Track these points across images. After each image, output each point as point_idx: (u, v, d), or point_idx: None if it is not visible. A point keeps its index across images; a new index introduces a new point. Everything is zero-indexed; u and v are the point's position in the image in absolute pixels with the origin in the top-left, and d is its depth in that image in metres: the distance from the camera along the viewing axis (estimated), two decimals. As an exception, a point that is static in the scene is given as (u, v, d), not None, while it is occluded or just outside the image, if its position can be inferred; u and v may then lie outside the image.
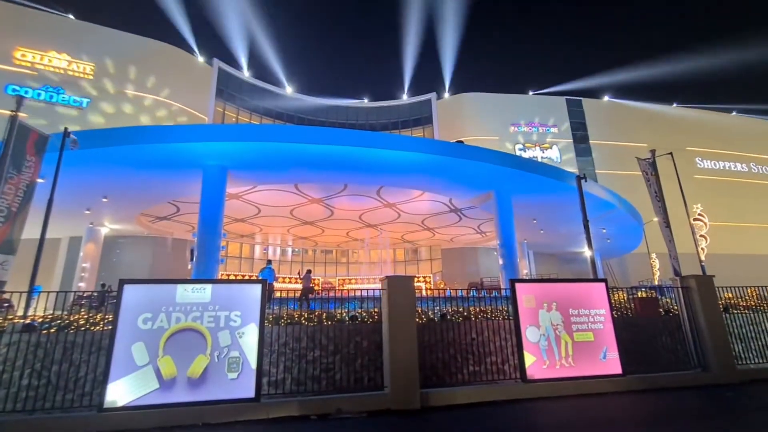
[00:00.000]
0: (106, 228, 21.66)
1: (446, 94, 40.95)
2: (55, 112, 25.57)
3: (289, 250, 31.93)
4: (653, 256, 29.82)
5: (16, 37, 26.09)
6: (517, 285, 7.82)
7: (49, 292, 8.17)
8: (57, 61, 26.81)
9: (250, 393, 6.14)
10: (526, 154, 37.00)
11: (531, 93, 41.19)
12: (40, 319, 7.37)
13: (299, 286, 22.96)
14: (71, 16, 28.91)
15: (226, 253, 26.46)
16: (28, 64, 26.00)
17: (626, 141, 38.87)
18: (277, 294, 14.01)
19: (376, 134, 14.83)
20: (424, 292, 20.59)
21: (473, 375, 7.63)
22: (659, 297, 10.89)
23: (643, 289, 13.56)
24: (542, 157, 37.32)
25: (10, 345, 6.52)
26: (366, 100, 41.33)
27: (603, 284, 8.31)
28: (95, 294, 13.16)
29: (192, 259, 14.16)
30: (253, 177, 15.01)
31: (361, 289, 8.85)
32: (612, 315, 7.99)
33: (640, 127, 40.07)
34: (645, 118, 41.10)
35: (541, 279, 15.79)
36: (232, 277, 25.30)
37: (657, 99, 43.82)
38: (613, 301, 8.56)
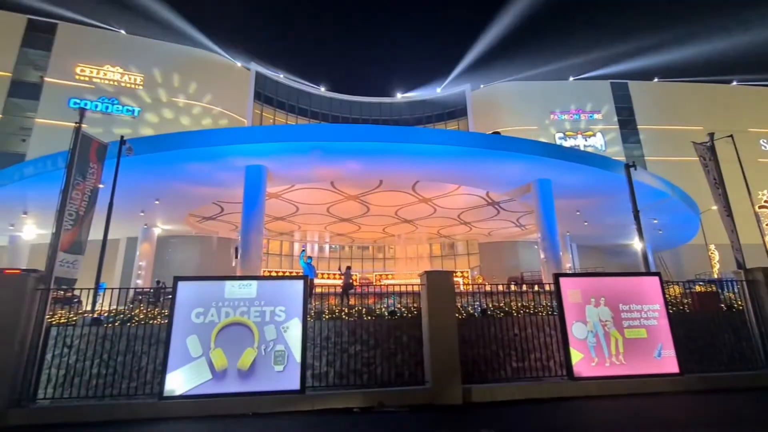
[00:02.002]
0: (159, 228, 23.11)
1: (481, 85, 39.93)
2: (111, 121, 27.54)
3: (327, 246, 32.59)
4: (711, 247, 27.65)
5: (77, 55, 28.35)
6: (562, 279, 7.54)
7: (112, 288, 8.87)
8: (111, 73, 28.84)
9: (296, 385, 6.36)
10: (568, 143, 35.41)
11: (572, 78, 39.27)
12: (105, 314, 8.03)
13: (338, 282, 23.40)
14: (122, 32, 30.96)
15: (267, 251, 27.48)
16: (87, 79, 28.17)
17: (679, 124, 36.13)
18: (318, 290, 14.39)
19: (410, 129, 14.78)
20: (461, 287, 20.33)
21: (516, 372, 7.46)
22: (720, 291, 10.09)
23: (701, 283, 12.64)
24: (585, 146, 35.57)
25: (81, 337, 7.14)
26: (399, 96, 41.18)
27: (656, 278, 7.84)
28: (151, 290, 14.13)
29: (236, 257, 14.83)
30: (291, 176, 15.43)
31: (398, 285, 8.89)
32: (667, 310, 7.52)
33: (695, 109, 37.08)
34: (700, 99, 37.94)
35: (588, 273, 15.11)
36: (273, 274, 26.23)
37: (713, 77, 40.31)
38: (667, 296, 8.04)
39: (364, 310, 8.12)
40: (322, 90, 39.62)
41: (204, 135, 13.91)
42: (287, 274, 26.89)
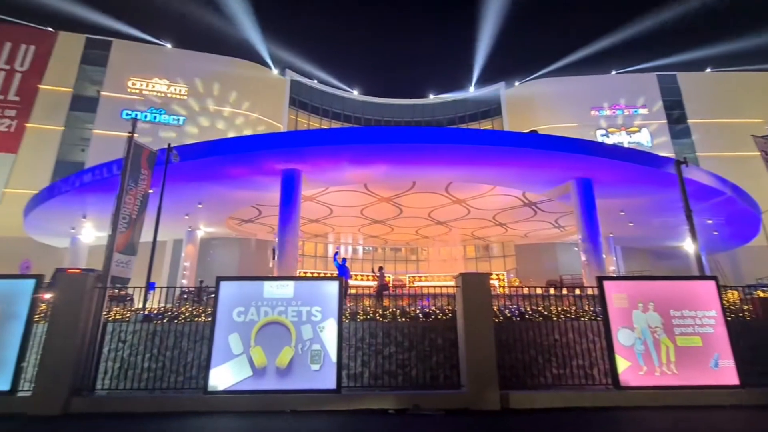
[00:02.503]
0: (202, 231, 24.27)
1: (516, 83, 38.90)
2: (158, 130, 29.30)
3: (360, 248, 32.89)
4: (775, 249, 25.30)
5: (129, 69, 30.45)
6: (606, 283, 7.18)
7: (160, 287, 9.42)
8: (158, 85, 30.71)
9: (332, 384, 6.46)
10: (610, 140, 33.74)
11: (614, 72, 37.42)
12: (155, 311, 8.53)
13: (371, 283, 23.54)
14: (169, 45, 32.89)
15: (302, 253, 28.13)
16: (137, 91, 30.16)
17: (735, 117, 33.45)
18: (352, 291, 14.55)
19: (443, 129, 14.64)
20: (497, 290, 19.86)
21: (557, 378, 7.19)
22: (787, 298, 9.22)
23: (764, 288, 11.62)
24: (629, 143, 33.74)
25: (134, 333, 7.64)
26: (431, 97, 40.94)
27: (712, 282, 7.29)
28: (193, 289, 14.86)
29: (273, 258, 15.29)
30: (326, 179, 15.72)
31: (432, 287, 8.83)
32: (725, 317, 6.97)
33: (754, 100, 34.15)
34: (759, 89, 34.91)
35: (635, 276, 14.25)
36: (308, 275, 26.81)
37: (774, 64, 36.93)
38: (724, 302, 7.46)
39: (398, 311, 8.12)
40: (354, 94, 40.14)
41: (242, 141, 14.48)
42: (322, 275, 27.40)
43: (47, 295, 8.18)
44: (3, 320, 6.73)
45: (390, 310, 8.36)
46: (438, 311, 8.04)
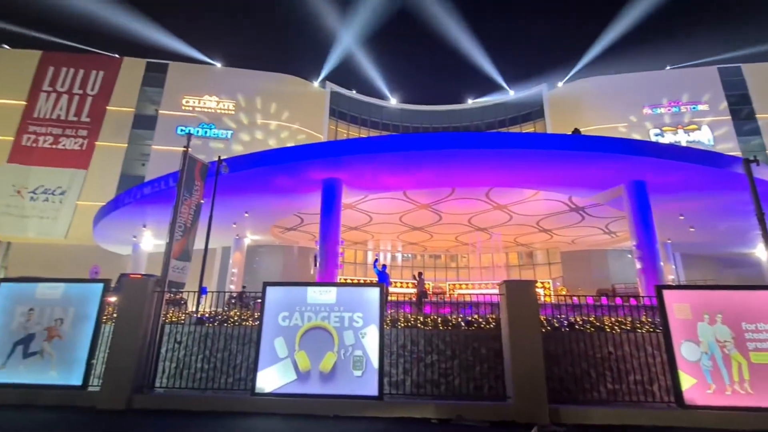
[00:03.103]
0: (248, 239, 25.39)
1: (558, 84, 37.52)
2: (208, 143, 31.18)
3: (399, 255, 32.88)
4: None
5: (183, 89, 32.82)
6: (665, 292, 6.67)
7: (212, 292, 9.94)
8: (208, 102, 32.79)
9: (374, 391, 6.47)
10: (665, 140, 31.55)
11: (668, 68, 35.07)
12: (207, 315, 9.00)
13: (410, 291, 23.42)
14: (218, 65, 35.09)
15: (343, 260, 28.58)
16: (190, 109, 32.39)
17: (814, 110, 30.16)
18: (392, 298, 14.56)
19: (483, 134, 14.38)
20: (543, 299, 19.04)
21: (612, 394, 6.74)
22: None
23: None
24: (688, 141, 31.38)
25: (188, 335, 8.09)
26: (470, 101, 40.43)
27: (792, 293, 6.55)
28: (236, 294, 15.55)
29: (315, 265, 15.66)
30: (365, 187, 15.93)
31: (474, 294, 8.62)
32: (809, 333, 6.22)
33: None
34: (844, 77, 31.29)
35: (699, 285, 13.07)
36: (348, 282, 27.14)
37: None
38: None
39: (439, 319, 8.01)
40: (392, 102, 40.54)
41: (284, 151, 15.02)
42: (362, 281, 27.64)
43: (112, 298, 8.89)
44: (76, 321, 7.39)
45: (431, 317, 8.26)
46: (481, 320, 7.84)
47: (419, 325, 7.90)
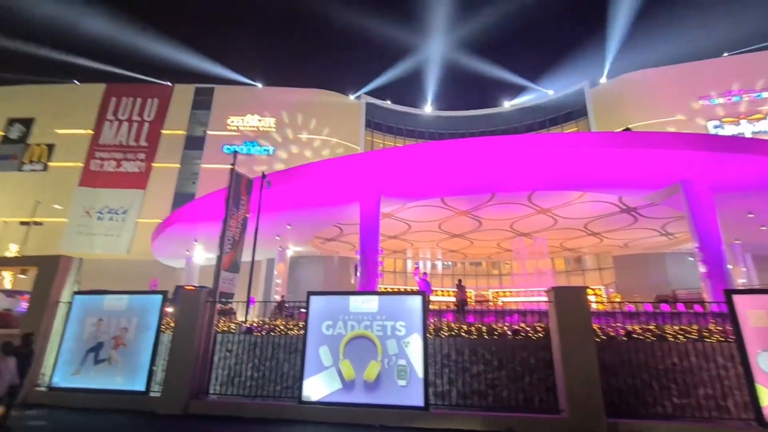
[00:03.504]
0: (291, 250, 26.17)
1: (601, 80, 35.80)
2: (252, 160, 32.70)
3: (439, 263, 32.46)
4: None
5: (228, 110, 34.84)
6: (736, 297, 6.09)
7: (259, 301, 10.31)
8: (251, 121, 34.50)
9: (420, 401, 6.38)
10: (725, 131, 29.08)
11: (725, 55, 32.45)
12: (254, 324, 9.34)
13: (451, 299, 22.97)
14: (259, 85, 36.95)
15: (382, 268, 28.67)
16: (235, 128, 34.22)
17: None
18: (433, 306, 14.37)
19: (523, 137, 13.98)
20: (594, 306, 18.00)
21: (679, 409, 6.21)
22: None
23: None
24: (753, 132, 28.72)
25: (238, 343, 8.43)
26: (507, 104, 39.56)
27: None
28: (276, 303, 15.98)
29: (356, 274, 15.82)
30: (403, 195, 15.96)
31: (520, 302, 8.31)
32: None
33: None
34: None
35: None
36: (388, 291, 27.14)
37: None
38: None
39: (484, 328, 7.79)
40: (427, 110, 40.55)
41: (323, 164, 15.42)
42: (402, 290, 27.54)
43: (169, 309, 9.47)
44: (139, 330, 7.95)
45: (475, 326, 8.06)
46: (528, 328, 7.54)
47: (463, 333, 7.74)
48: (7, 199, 31.64)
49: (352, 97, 38.41)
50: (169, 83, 36.42)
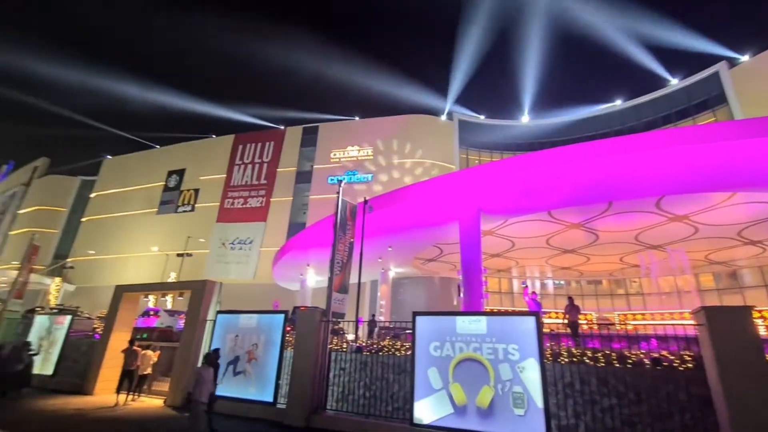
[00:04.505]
0: (393, 272, 26.83)
1: (745, 57, 29.83)
2: (353, 188, 34.97)
3: (550, 282, 29.75)
4: None
5: (331, 144, 38.32)
6: None
7: (348, 320, 10.71)
8: (351, 152, 37.21)
9: (541, 434, 5.82)
10: None
11: None
12: (363, 343, 9.70)
13: (559, 321, 20.71)
14: (357, 118, 39.87)
15: (486, 288, 27.43)
16: (337, 160, 37.29)
17: None
18: (545, 330, 13.07)
19: (643, 135, 12.25)
20: (765, 332, 14.42)
21: None
22: None
23: None
24: None
25: (350, 362, 8.83)
26: (618, 102, 35.49)
27: None
28: (368, 322, 16.28)
29: (459, 295, 15.42)
30: (504, 211, 15.25)
31: (655, 326, 7.10)
32: None
33: None
34: None
35: None
36: (495, 311, 25.69)
37: None
38: None
39: (614, 355, 6.83)
40: (523, 120, 38.65)
41: (420, 186, 15.68)
42: (510, 311, 25.84)
43: (288, 328, 10.43)
44: (266, 346, 8.91)
45: (602, 352, 7.11)
46: (672, 357, 6.37)
47: (587, 360, 6.89)
48: (168, 235, 39.08)
49: (443, 117, 38.74)
50: (281, 127, 41.56)
